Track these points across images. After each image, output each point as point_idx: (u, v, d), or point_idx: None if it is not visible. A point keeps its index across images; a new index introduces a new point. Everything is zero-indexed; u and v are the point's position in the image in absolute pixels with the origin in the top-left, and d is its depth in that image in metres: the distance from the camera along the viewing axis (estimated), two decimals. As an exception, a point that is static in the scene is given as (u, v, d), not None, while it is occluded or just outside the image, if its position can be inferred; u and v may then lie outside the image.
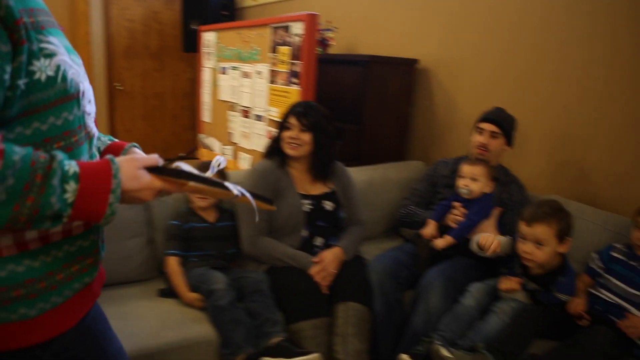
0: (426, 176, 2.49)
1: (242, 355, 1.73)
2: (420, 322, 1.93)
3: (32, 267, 0.86)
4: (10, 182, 0.74)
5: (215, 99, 3.68)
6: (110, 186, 0.85)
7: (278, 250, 2.09)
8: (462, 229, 2.14)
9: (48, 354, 0.90)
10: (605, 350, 1.67)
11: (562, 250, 1.86)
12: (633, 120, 2.18)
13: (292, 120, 2.17)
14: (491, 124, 2.24)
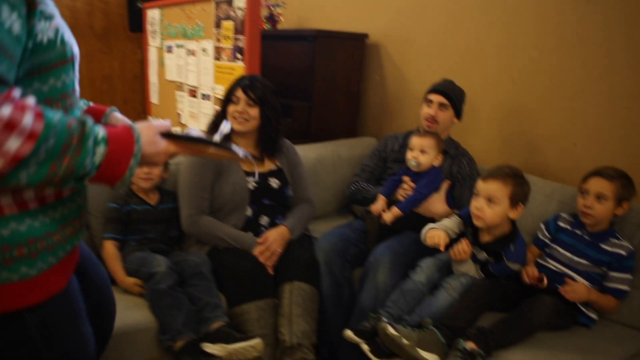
0: (376, 151, 2.45)
1: (181, 341, 1.66)
2: (368, 299, 1.89)
3: (34, 226, 0.89)
4: (50, 143, 0.79)
5: (162, 79, 3.54)
6: (133, 150, 0.93)
7: (219, 230, 2.01)
8: (410, 202, 2.11)
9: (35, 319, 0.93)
10: (549, 320, 1.67)
11: (513, 215, 1.82)
12: (581, 93, 2.18)
13: (238, 94, 2.08)
14: (439, 95, 2.21)
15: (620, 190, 1.76)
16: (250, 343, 1.65)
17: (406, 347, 1.60)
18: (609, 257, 1.80)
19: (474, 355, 1.57)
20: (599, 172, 1.81)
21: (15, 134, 0.74)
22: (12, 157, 0.75)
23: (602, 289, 1.82)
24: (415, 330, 1.65)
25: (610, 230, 1.84)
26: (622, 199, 1.77)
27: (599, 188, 1.78)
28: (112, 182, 0.93)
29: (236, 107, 2.08)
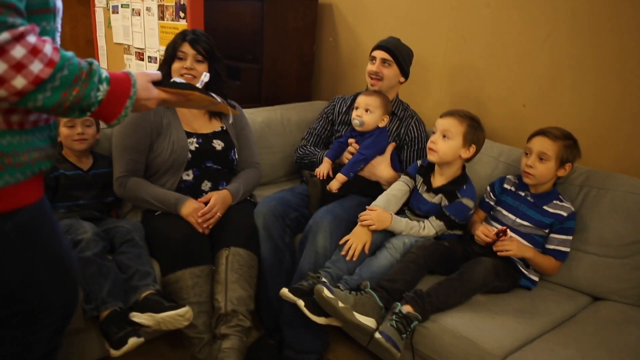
0: (323, 114, 2.37)
1: (107, 310, 1.57)
2: (307, 264, 1.82)
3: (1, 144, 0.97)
4: (65, 72, 0.93)
5: (110, 43, 3.37)
6: (129, 93, 1.07)
7: (144, 191, 1.90)
8: (353, 164, 2.04)
9: (10, 224, 1.01)
10: (488, 282, 1.64)
11: (465, 155, 1.83)
12: (530, 52, 2.12)
13: (185, 49, 1.95)
14: (382, 50, 2.13)
15: (563, 151, 1.72)
16: (178, 312, 1.58)
17: (342, 310, 1.55)
18: (550, 219, 1.77)
19: (410, 319, 1.54)
20: (543, 131, 1.77)
21: (38, 58, 0.88)
22: (34, 77, 0.89)
23: (543, 251, 1.80)
24: (352, 293, 1.60)
25: (553, 192, 1.81)
26: (565, 160, 1.73)
27: (542, 147, 1.74)
28: (110, 118, 1.06)
29: (183, 63, 1.96)
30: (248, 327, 1.73)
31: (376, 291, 1.62)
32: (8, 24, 0.85)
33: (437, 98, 2.50)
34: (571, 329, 1.59)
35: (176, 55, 1.97)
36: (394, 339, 1.48)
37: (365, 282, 1.66)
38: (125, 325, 1.56)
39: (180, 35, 2.01)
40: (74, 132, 1.89)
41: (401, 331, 1.50)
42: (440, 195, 1.87)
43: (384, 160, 2.07)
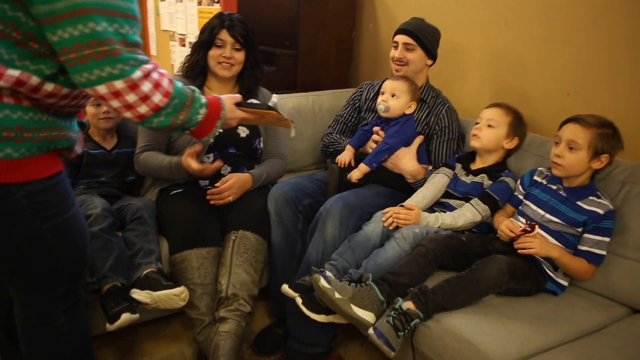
0: (350, 101, 2.27)
1: (107, 285, 1.59)
2: (314, 253, 1.75)
3: (23, 118, 1.05)
4: (176, 101, 1.15)
5: (158, 30, 3.46)
6: (220, 115, 1.30)
7: (153, 160, 1.88)
8: (376, 154, 1.94)
9: (22, 192, 1.08)
10: (502, 282, 1.48)
11: (508, 145, 1.84)
12: (578, 33, 1.91)
13: (223, 36, 1.92)
14: (403, 34, 2.00)
15: (597, 139, 1.53)
16: (173, 291, 1.57)
17: (338, 302, 1.46)
18: (584, 217, 1.58)
19: (410, 317, 1.42)
20: (575, 118, 1.58)
21: (159, 91, 1.10)
22: (154, 106, 1.10)
23: (575, 252, 1.61)
24: (352, 285, 1.51)
25: (590, 187, 1.62)
26: (600, 151, 1.54)
27: (571, 135, 1.56)
28: (202, 135, 1.28)
29: (222, 51, 1.93)
30: (248, 312, 1.69)
31: (378, 284, 1.52)
32: (139, 60, 1.05)
33: (476, 86, 2.33)
34: (595, 342, 1.41)
35: (214, 42, 1.93)
36: (386, 336, 1.37)
37: (367, 274, 1.56)
38: (122, 300, 1.56)
39: (217, 20, 1.96)
40: (100, 110, 1.93)
41: (398, 329, 1.40)
42: (482, 175, 1.83)
43: (409, 152, 1.95)
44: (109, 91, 1.03)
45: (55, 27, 0.96)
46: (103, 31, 0.98)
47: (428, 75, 2.13)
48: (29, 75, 1.02)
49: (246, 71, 2.03)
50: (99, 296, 1.60)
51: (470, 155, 1.94)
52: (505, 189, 1.80)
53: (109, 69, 1.00)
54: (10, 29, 1.00)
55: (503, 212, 1.80)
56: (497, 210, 1.80)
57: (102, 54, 0.99)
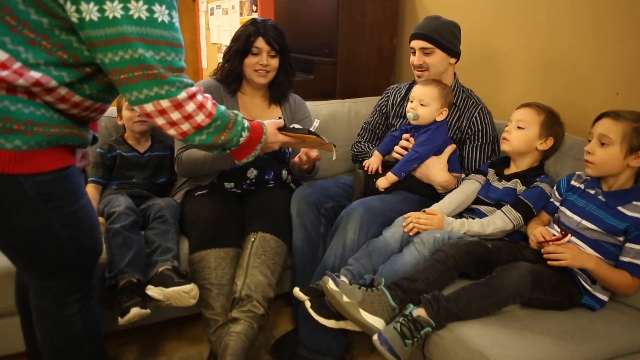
0: (377, 107, 2.20)
1: (123, 280, 1.61)
2: (332, 258, 1.69)
3: (35, 113, 1.08)
4: (218, 122, 1.25)
5: (208, 43, 3.57)
6: (261, 139, 1.40)
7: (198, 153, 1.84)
8: (405, 163, 1.86)
9: (31, 183, 1.11)
10: (523, 292, 1.35)
11: (542, 147, 1.72)
12: (628, 27, 1.76)
13: (259, 44, 1.93)
14: (419, 40, 1.91)
15: (632, 134, 1.38)
16: (183, 288, 1.56)
17: (346, 305, 1.39)
18: (625, 223, 1.42)
19: (420, 325, 1.33)
20: (609, 112, 1.44)
21: (202, 112, 1.20)
22: (196, 124, 1.20)
23: (616, 265, 1.45)
24: (362, 288, 1.44)
25: (634, 190, 1.45)
26: (637, 147, 1.39)
27: (603, 129, 1.42)
28: (241, 157, 1.38)
29: (258, 59, 1.94)
30: (261, 314, 1.65)
31: (390, 289, 1.44)
32: (184, 83, 1.14)
33: (516, 88, 2.19)
34: (633, 363, 1.25)
35: (250, 50, 1.94)
36: (391, 343, 1.28)
37: (380, 279, 1.48)
38: (135, 295, 1.58)
39: (252, 27, 1.95)
40: (135, 114, 1.99)
41: (405, 336, 1.30)
42: (515, 180, 1.71)
43: (440, 162, 1.86)
44: (155, 109, 1.13)
45: (104, 50, 1.05)
46: (150, 58, 1.07)
47: (456, 73, 2.02)
48: (49, 79, 1.07)
49: (279, 77, 2.03)
50: (115, 291, 1.63)
51: (505, 160, 1.83)
52: (540, 195, 1.67)
53: (157, 89, 1.10)
54: (41, 38, 1.06)
55: (538, 221, 1.67)
56: (532, 219, 1.67)
57: (150, 76, 1.08)
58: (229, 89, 2.01)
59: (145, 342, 1.92)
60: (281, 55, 1.98)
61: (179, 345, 1.91)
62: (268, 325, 2.00)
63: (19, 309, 1.53)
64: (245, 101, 2.06)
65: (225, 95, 2.00)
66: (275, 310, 2.10)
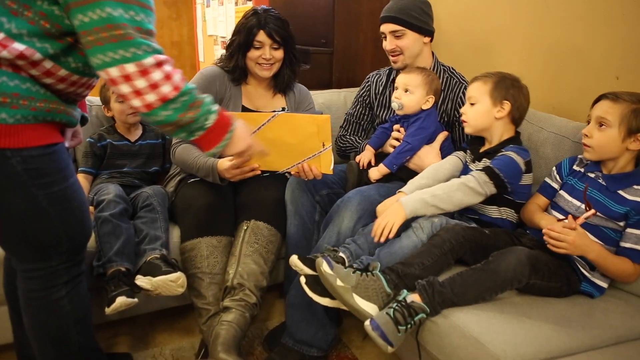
0: (359, 97, 2.14)
1: (112, 269, 1.57)
2: (327, 245, 1.64)
3: (21, 87, 1.07)
4: (185, 97, 1.14)
5: (205, 35, 3.54)
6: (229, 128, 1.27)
7: (190, 155, 1.82)
8: (397, 155, 1.80)
9: (18, 158, 1.10)
10: (518, 276, 1.30)
11: (500, 114, 1.59)
12: (627, 9, 1.72)
13: (262, 38, 1.87)
14: (387, 23, 1.86)
15: (631, 116, 1.34)
16: (169, 277, 1.52)
17: (340, 289, 1.35)
18: (626, 208, 1.38)
19: (414, 311, 1.29)
20: (608, 94, 1.40)
21: (169, 82, 1.10)
22: (162, 96, 1.10)
23: (617, 250, 1.41)
24: (357, 272, 1.39)
25: (635, 174, 1.41)
26: (635, 129, 1.35)
27: (601, 111, 1.38)
28: (208, 146, 1.26)
29: (261, 52, 1.88)
30: (254, 303, 1.62)
31: (385, 274, 1.40)
32: (152, 47, 1.08)
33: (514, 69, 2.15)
34: (634, 350, 1.21)
35: (252, 44, 1.88)
36: (383, 329, 1.25)
37: (375, 263, 1.44)
38: (123, 285, 1.54)
39: (254, 19, 1.88)
40: (127, 106, 1.95)
41: (399, 322, 1.26)
42: (485, 159, 1.61)
43: (432, 151, 1.80)
44: (120, 74, 1.05)
45: (77, 11, 1.02)
46: (119, 16, 1.03)
47: (434, 52, 1.96)
48: (33, 51, 1.06)
49: (283, 68, 1.99)
50: (103, 280, 1.60)
51: (481, 139, 1.71)
52: (507, 162, 1.53)
53: (122, 52, 1.04)
54: (23, 8, 1.05)
55: (535, 205, 1.61)
56: (504, 191, 1.56)
57: (117, 37, 1.03)
58: (233, 78, 1.97)
59: (136, 334, 1.89)
60: (285, 46, 1.93)
61: (170, 337, 1.88)
62: (261, 317, 1.96)
63: (7, 297, 1.50)
64: (249, 90, 2.02)
65: (229, 84, 1.96)
66: (269, 302, 2.06)
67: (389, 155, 1.84)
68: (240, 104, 1.96)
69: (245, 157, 1.50)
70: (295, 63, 2.02)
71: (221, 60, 2.02)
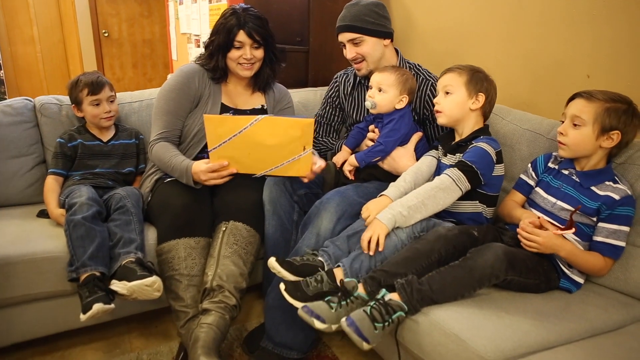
0: (328, 98, 2.13)
1: (85, 274, 1.53)
2: (306, 248, 1.62)
3: None
4: None
5: (178, 34, 3.48)
6: None
7: (166, 155, 1.80)
8: (369, 152, 1.79)
9: None
10: (496, 272, 1.31)
11: (475, 106, 1.59)
12: (596, 6, 1.75)
13: (242, 38, 1.84)
14: (344, 32, 1.87)
15: (604, 114, 1.37)
16: (145, 281, 1.49)
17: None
18: (598, 202, 1.41)
19: (391, 309, 1.28)
20: (582, 92, 1.43)
21: None
22: None
23: (590, 245, 1.44)
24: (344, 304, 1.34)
25: (606, 171, 1.45)
26: (608, 127, 1.38)
27: (575, 110, 1.41)
28: None
29: (241, 52, 1.86)
30: (233, 305, 1.59)
31: (367, 284, 1.38)
32: None
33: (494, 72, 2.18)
34: (609, 341, 1.24)
35: (232, 45, 1.85)
36: (358, 325, 1.23)
37: (352, 282, 1.39)
38: (98, 290, 1.50)
39: (234, 19, 1.84)
40: (102, 110, 1.92)
41: (376, 319, 1.26)
42: (458, 153, 1.61)
43: (407, 153, 1.79)
44: None
45: None
46: None
47: (398, 50, 1.97)
48: None
49: (264, 67, 1.97)
50: (77, 286, 1.55)
51: (451, 133, 1.72)
52: (480, 154, 1.54)
53: None
54: None
55: (512, 201, 1.64)
56: (478, 184, 1.56)
57: None
58: (214, 77, 1.94)
59: (111, 338, 1.84)
60: (265, 45, 1.91)
61: (147, 341, 1.84)
62: (240, 318, 1.94)
63: None
64: (229, 88, 2.00)
65: (208, 82, 1.94)
66: (248, 303, 2.04)
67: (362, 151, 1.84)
68: (219, 102, 1.94)
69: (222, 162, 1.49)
70: (276, 62, 2.01)
71: (200, 59, 1.99)
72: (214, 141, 1.64)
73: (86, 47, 4.49)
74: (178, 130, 1.90)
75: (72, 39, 4.46)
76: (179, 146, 1.92)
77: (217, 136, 1.63)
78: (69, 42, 4.51)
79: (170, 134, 1.88)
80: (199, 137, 1.89)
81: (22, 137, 1.99)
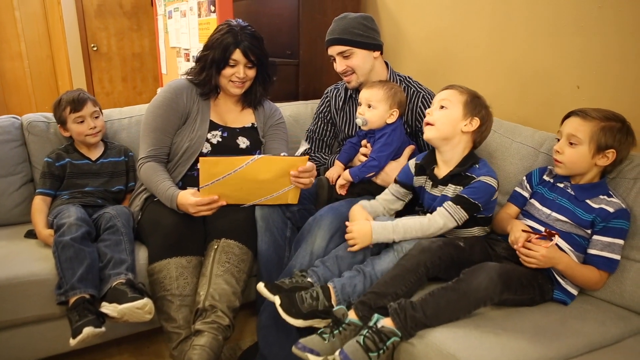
0: (319, 113, 2.12)
1: (75, 297, 1.50)
2: (299, 265, 1.61)
3: None
4: None
5: (167, 47, 3.47)
6: None
7: (154, 178, 1.79)
8: (363, 168, 1.79)
9: None
10: (490, 294, 1.29)
11: (467, 128, 1.54)
12: (586, 17, 1.76)
13: (237, 57, 1.82)
14: (333, 45, 1.87)
15: (600, 133, 1.37)
16: (136, 304, 1.46)
17: None
18: (592, 215, 1.41)
19: (385, 336, 1.26)
20: (577, 111, 1.43)
21: None
22: None
23: (585, 257, 1.44)
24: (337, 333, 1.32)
25: (600, 185, 1.45)
26: (604, 146, 1.38)
27: (571, 129, 1.41)
28: None
29: (234, 70, 1.84)
30: (227, 325, 1.56)
31: (357, 309, 1.36)
32: None
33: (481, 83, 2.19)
34: (608, 356, 1.23)
35: (227, 63, 1.83)
36: (352, 358, 1.21)
37: (341, 310, 1.37)
38: (88, 313, 1.47)
39: (230, 37, 1.81)
40: (86, 127, 1.90)
41: (370, 349, 1.23)
42: (451, 185, 1.57)
43: (399, 167, 1.78)
44: None
45: None
46: None
47: (388, 63, 1.97)
48: None
49: (255, 85, 1.96)
50: (67, 309, 1.52)
51: (431, 158, 1.64)
52: (482, 188, 1.51)
53: None
54: None
55: (506, 214, 1.63)
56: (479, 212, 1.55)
57: None
58: (202, 92, 1.92)
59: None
60: (259, 65, 1.90)
61: (139, 363, 1.81)
62: (234, 337, 1.91)
63: None
64: (218, 104, 1.98)
65: (197, 98, 1.92)
66: (242, 320, 2.02)
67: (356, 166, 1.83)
68: (208, 119, 1.92)
69: None
70: (268, 81, 1.99)
71: (191, 73, 1.96)
72: (207, 179, 1.63)
73: (75, 61, 4.46)
74: (167, 147, 1.88)
75: (61, 53, 4.43)
76: (168, 164, 1.89)
77: (210, 175, 1.62)
78: (57, 56, 4.47)
79: (159, 152, 1.86)
80: (188, 155, 1.86)
81: (9, 156, 1.96)
